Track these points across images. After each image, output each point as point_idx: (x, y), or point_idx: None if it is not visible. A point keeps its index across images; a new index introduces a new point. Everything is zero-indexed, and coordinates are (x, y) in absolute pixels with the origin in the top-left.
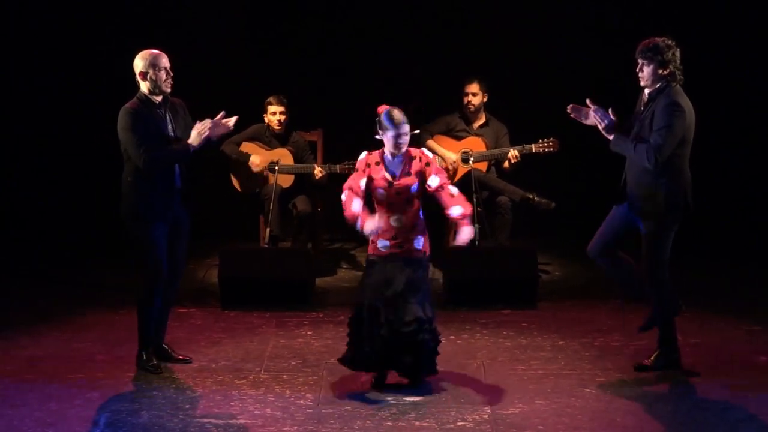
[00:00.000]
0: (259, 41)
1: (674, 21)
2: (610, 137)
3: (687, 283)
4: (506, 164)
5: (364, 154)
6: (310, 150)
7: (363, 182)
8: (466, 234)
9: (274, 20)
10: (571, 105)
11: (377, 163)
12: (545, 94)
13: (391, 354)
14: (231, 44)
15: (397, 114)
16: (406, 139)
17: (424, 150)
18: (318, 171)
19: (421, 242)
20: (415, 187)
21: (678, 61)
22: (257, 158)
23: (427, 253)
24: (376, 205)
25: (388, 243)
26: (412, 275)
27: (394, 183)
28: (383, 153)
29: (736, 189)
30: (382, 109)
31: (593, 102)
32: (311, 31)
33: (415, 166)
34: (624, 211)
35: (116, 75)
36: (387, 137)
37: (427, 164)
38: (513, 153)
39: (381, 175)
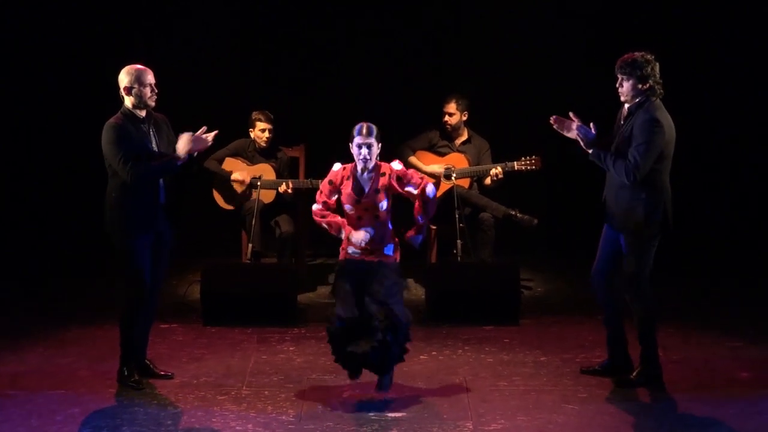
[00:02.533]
0: (243, 56)
1: (656, 36)
2: (590, 151)
3: (669, 300)
4: (488, 180)
5: (338, 166)
6: (290, 166)
7: (335, 197)
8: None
9: (257, 36)
10: (554, 116)
11: (347, 178)
12: (528, 111)
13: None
14: (215, 59)
15: (367, 127)
16: (366, 152)
17: (394, 164)
18: (283, 188)
19: (391, 249)
20: (383, 204)
21: (657, 76)
22: (239, 175)
23: (397, 260)
24: (345, 218)
25: (358, 251)
26: (385, 278)
27: (362, 200)
28: (355, 167)
29: (718, 205)
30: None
31: (576, 115)
32: (295, 47)
33: (383, 181)
34: (611, 230)
35: (101, 89)
36: (352, 147)
37: (399, 178)
38: (496, 170)
39: (349, 191)
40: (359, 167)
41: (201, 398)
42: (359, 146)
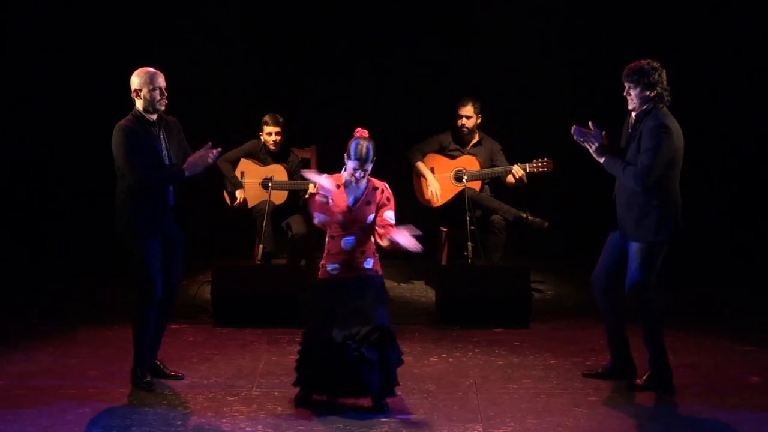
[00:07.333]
0: (255, 57)
1: (663, 42)
2: (601, 160)
3: (681, 305)
4: (510, 178)
5: (328, 179)
6: (301, 168)
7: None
8: (402, 236)
9: (269, 37)
10: (574, 127)
11: (338, 186)
12: (539, 113)
13: (346, 378)
14: (225, 60)
15: (363, 149)
16: (360, 175)
17: (387, 186)
18: (312, 189)
19: (371, 263)
20: (371, 218)
21: (665, 83)
22: (239, 195)
23: (379, 272)
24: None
25: (337, 266)
26: (364, 296)
27: (353, 209)
28: (345, 177)
29: (729, 212)
30: (359, 133)
31: (595, 125)
32: (305, 48)
33: (377, 197)
34: (618, 236)
35: (110, 91)
36: (347, 164)
37: (388, 199)
38: (518, 170)
39: (341, 199)
40: (349, 179)
41: (211, 399)
42: (354, 169)
